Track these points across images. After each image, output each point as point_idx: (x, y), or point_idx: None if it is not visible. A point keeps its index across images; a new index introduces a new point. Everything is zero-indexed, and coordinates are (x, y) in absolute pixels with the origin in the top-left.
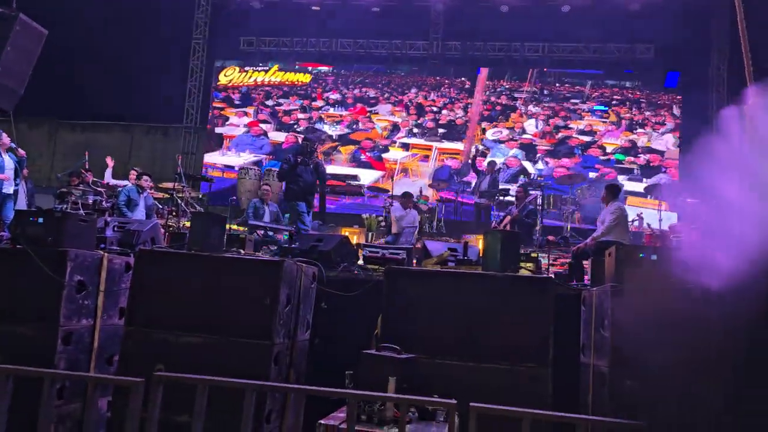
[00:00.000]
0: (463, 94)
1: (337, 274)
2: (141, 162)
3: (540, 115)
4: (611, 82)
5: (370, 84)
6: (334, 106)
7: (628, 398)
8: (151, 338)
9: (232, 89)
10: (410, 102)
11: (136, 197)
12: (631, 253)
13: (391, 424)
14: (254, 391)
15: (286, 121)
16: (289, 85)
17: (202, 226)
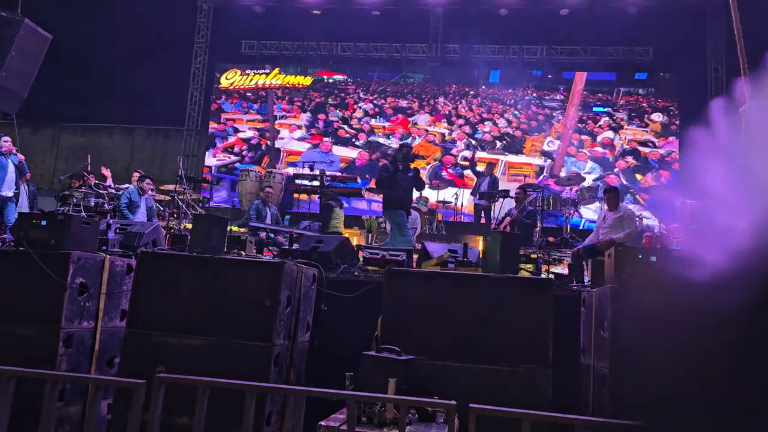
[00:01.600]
0: (494, 103)
1: (338, 275)
2: (142, 164)
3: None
4: (624, 88)
5: (392, 93)
6: (375, 117)
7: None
8: (152, 340)
9: (240, 94)
10: (450, 112)
11: (138, 199)
12: (630, 255)
13: (391, 425)
14: (254, 392)
15: (341, 134)
16: (290, 88)
17: (204, 228)
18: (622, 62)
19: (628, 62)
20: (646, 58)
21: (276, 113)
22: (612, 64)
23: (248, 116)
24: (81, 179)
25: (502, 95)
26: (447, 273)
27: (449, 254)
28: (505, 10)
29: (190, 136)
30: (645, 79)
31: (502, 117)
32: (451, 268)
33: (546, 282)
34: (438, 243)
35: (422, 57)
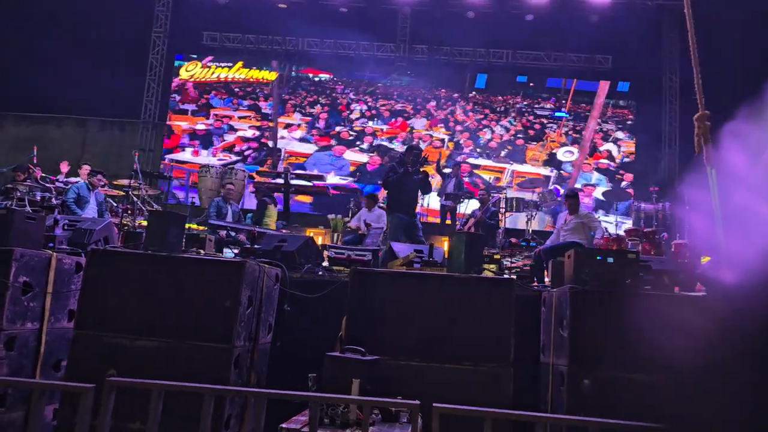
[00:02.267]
0: (486, 110)
1: (302, 275)
2: (95, 158)
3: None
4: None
5: (382, 95)
6: (372, 119)
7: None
8: (103, 342)
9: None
10: (447, 118)
11: (87, 194)
12: (588, 256)
13: (354, 426)
14: (213, 395)
15: (344, 137)
16: (254, 83)
17: (160, 225)
18: (583, 69)
19: (589, 69)
20: (605, 66)
21: (267, 111)
22: (573, 70)
23: (239, 113)
24: (26, 172)
25: (491, 102)
26: (412, 273)
27: (415, 254)
28: (473, 12)
29: (146, 129)
30: (626, 91)
31: (498, 124)
32: (416, 268)
33: (508, 282)
34: (404, 243)
35: (390, 56)
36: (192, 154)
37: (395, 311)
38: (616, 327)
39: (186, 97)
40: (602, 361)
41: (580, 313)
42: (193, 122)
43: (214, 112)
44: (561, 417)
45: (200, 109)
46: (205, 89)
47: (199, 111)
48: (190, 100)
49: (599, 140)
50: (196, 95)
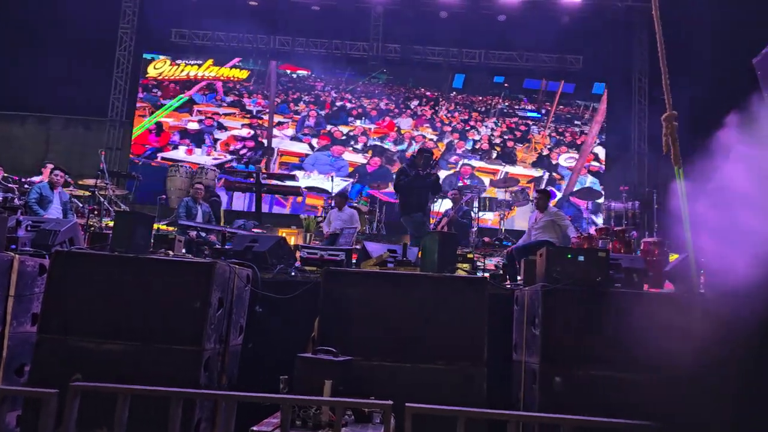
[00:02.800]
0: (468, 111)
1: (273, 275)
2: (59, 157)
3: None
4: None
5: (363, 93)
6: (360, 118)
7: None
8: (68, 346)
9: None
10: (433, 117)
11: (49, 194)
12: (560, 254)
13: (327, 427)
14: (181, 399)
15: (338, 136)
16: (223, 80)
17: (127, 226)
18: (554, 69)
19: (561, 69)
20: (576, 66)
21: (251, 108)
22: (544, 71)
23: (223, 110)
24: None
25: (472, 102)
26: (386, 273)
27: (388, 254)
28: (446, 12)
29: (113, 127)
30: (601, 93)
31: (483, 125)
32: (390, 268)
33: (481, 281)
34: (377, 243)
35: (363, 55)
36: (186, 152)
37: (368, 311)
38: (588, 325)
39: (167, 93)
40: (574, 359)
41: (551, 312)
42: (178, 118)
43: (198, 109)
44: (534, 415)
45: (183, 105)
46: (185, 85)
47: (182, 108)
48: (172, 96)
49: (579, 140)
50: (177, 91)
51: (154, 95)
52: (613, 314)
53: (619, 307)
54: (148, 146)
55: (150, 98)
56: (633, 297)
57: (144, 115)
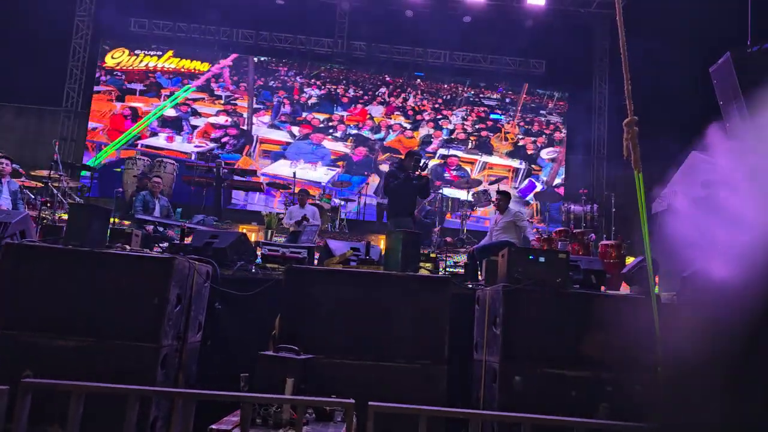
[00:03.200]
0: (435, 98)
1: (234, 272)
2: (9, 146)
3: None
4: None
5: (328, 79)
6: (332, 105)
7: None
8: (18, 342)
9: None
10: (404, 105)
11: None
12: (521, 255)
13: (288, 426)
14: (138, 397)
15: (316, 123)
16: (186, 73)
17: (82, 219)
18: (518, 72)
19: (524, 73)
20: (539, 70)
21: (219, 92)
22: (508, 74)
23: (193, 95)
24: None
25: (438, 90)
26: (349, 271)
27: (352, 252)
28: (411, 12)
29: (68, 117)
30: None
31: (453, 113)
32: (353, 267)
33: (444, 280)
34: (340, 241)
35: (328, 51)
36: (167, 140)
37: (330, 309)
38: (548, 325)
39: (132, 76)
40: (534, 359)
41: (512, 311)
42: (147, 103)
43: (165, 93)
44: (496, 414)
45: (149, 89)
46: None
47: (148, 91)
48: (137, 79)
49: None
50: (142, 74)
51: (118, 78)
52: (572, 315)
53: (578, 307)
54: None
55: (114, 81)
56: (591, 298)
57: (111, 99)
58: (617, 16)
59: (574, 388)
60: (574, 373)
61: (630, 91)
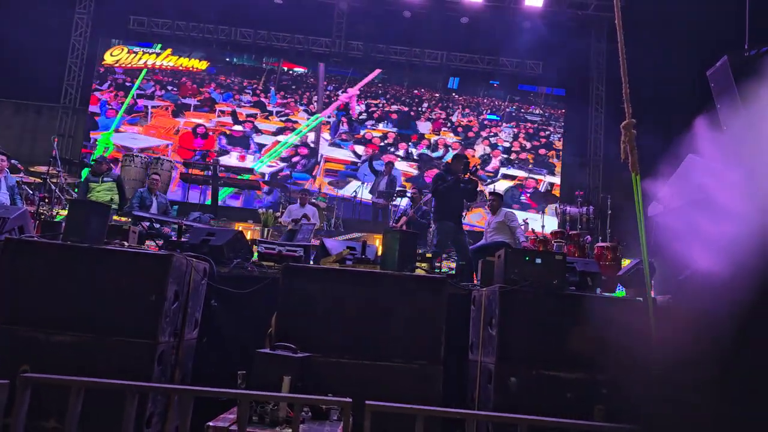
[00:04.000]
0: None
1: (230, 270)
2: (8, 142)
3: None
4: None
5: (367, 93)
6: (381, 121)
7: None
8: (17, 336)
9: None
10: (451, 121)
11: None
12: (517, 256)
13: (284, 424)
14: (136, 392)
15: (377, 142)
16: (184, 71)
17: (81, 215)
18: (515, 73)
19: (521, 74)
20: (536, 72)
21: (270, 108)
22: (505, 74)
23: (245, 110)
24: None
25: (477, 105)
26: (346, 270)
27: (348, 251)
28: (409, 12)
29: (66, 114)
30: (563, 95)
31: (502, 130)
32: (349, 266)
33: (441, 281)
34: (336, 240)
35: (325, 51)
36: (239, 159)
37: (327, 308)
38: (543, 326)
39: (185, 91)
40: (529, 360)
41: (508, 312)
42: (207, 119)
43: (220, 108)
44: (493, 414)
45: (203, 104)
46: (204, 80)
47: (202, 106)
48: (190, 94)
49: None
50: (195, 89)
51: (173, 93)
52: (568, 316)
53: (574, 309)
54: (197, 149)
55: (170, 96)
56: (587, 300)
57: (168, 114)
58: (616, 19)
59: (570, 389)
60: (570, 375)
61: (628, 94)
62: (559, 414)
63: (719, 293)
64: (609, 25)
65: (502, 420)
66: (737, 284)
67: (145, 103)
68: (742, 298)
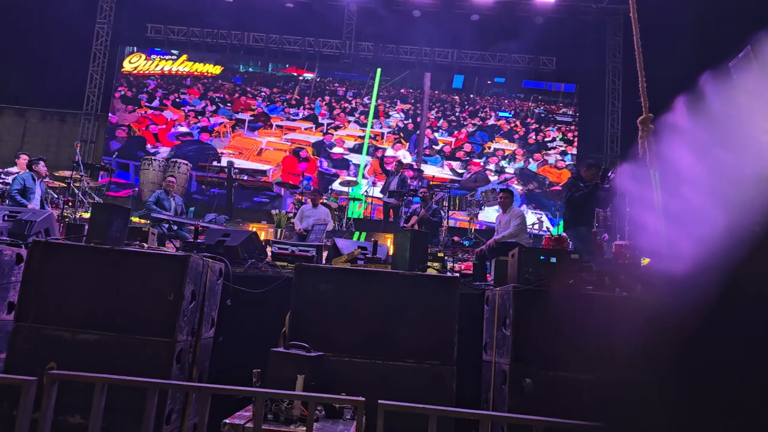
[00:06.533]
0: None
1: (245, 270)
2: (35, 148)
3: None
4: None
5: (386, 96)
6: (437, 130)
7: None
8: (44, 335)
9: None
10: (495, 126)
11: (32, 185)
12: (532, 255)
13: (298, 422)
14: (157, 389)
15: (447, 151)
16: (199, 76)
17: (103, 218)
18: (527, 70)
19: (533, 70)
20: (550, 67)
21: (323, 121)
22: (517, 71)
23: (301, 123)
24: None
25: (520, 109)
26: (358, 270)
27: (360, 251)
28: (419, 11)
29: (88, 120)
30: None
31: (548, 131)
32: (361, 265)
33: (453, 280)
34: (348, 240)
35: (335, 53)
36: (342, 183)
37: (340, 308)
38: (559, 326)
39: (237, 106)
40: (544, 361)
41: (523, 312)
42: (279, 137)
43: (276, 123)
44: (507, 415)
45: (257, 119)
46: (255, 94)
47: (256, 121)
48: (242, 108)
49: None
50: (245, 104)
51: (228, 109)
52: (585, 317)
53: (591, 309)
54: (305, 175)
55: (225, 112)
56: (605, 300)
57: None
58: (631, 12)
59: (586, 391)
60: (586, 377)
61: (645, 88)
62: (575, 416)
63: (680, 290)
64: (625, 17)
65: (517, 421)
66: (698, 282)
67: (212, 121)
68: (702, 297)
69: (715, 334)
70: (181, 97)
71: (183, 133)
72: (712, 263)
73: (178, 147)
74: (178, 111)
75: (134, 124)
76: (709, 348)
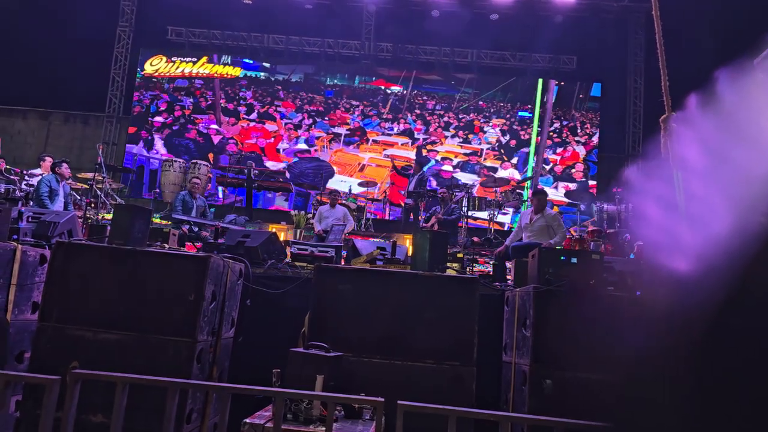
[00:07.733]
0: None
1: (264, 270)
2: (59, 151)
3: None
4: None
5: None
6: (463, 140)
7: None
8: (66, 334)
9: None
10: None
11: (57, 187)
12: (553, 256)
13: (318, 422)
14: (178, 389)
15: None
16: (218, 78)
17: (125, 219)
18: (548, 69)
19: (554, 69)
20: (570, 66)
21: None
22: (538, 70)
23: (399, 138)
24: None
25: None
26: (377, 270)
27: (378, 251)
28: (437, 11)
29: (110, 122)
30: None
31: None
32: (380, 266)
33: (472, 281)
34: (367, 240)
35: (354, 54)
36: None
37: (359, 308)
38: (580, 328)
39: (335, 119)
40: (565, 362)
41: (543, 313)
42: (378, 151)
43: (373, 138)
44: (527, 417)
45: (353, 133)
46: (347, 107)
47: (352, 135)
48: (338, 122)
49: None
50: (342, 117)
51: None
52: (606, 317)
53: (612, 310)
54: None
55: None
56: (627, 300)
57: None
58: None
59: (607, 393)
60: (608, 378)
61: (667, 86)
62: (596, 418)
63: (689, 291)
64: (647, 14)
65: (537, 423)
66: (707, 284)
67: (311, 135)
68: (710, 299)
69: (725, 335)
70: (279, 110)
71: (301, 150)
72: (720, 264)
73: (296, 164)
74: (273, 123)
75: (237, 137)
76: (720, 350)
